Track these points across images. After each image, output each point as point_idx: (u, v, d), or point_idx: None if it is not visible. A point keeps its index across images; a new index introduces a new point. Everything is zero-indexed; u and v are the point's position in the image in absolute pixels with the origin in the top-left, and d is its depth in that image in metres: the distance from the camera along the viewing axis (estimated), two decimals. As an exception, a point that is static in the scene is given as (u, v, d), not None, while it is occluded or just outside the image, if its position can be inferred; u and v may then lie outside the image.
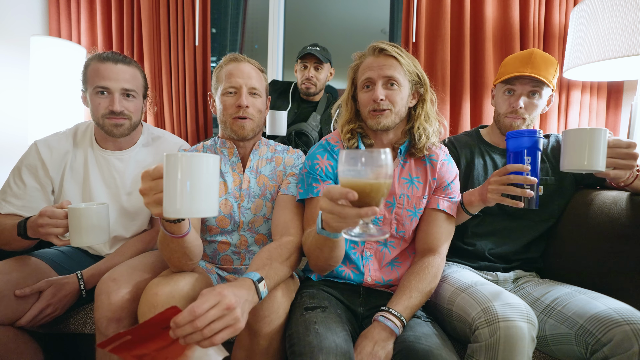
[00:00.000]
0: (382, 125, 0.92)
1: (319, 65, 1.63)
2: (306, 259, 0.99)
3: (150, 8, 1.74)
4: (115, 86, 1.02)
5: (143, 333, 0.65)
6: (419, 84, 0.95)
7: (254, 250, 1.07)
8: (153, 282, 0.82)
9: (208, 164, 0.60)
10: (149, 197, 0.64)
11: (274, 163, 1.09)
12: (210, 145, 1.10)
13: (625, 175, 0.86)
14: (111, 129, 1.05)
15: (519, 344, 0.71)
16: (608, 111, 1.60)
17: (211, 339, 0.61)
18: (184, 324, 0.60)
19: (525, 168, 0.81)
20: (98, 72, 1.02)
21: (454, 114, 1.64)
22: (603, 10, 1.17)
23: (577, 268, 1.04)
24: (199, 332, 0.60)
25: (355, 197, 0.54)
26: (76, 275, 0.99)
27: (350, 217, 0.57)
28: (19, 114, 1.76)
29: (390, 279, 0.98)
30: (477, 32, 1.60)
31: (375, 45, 0.93)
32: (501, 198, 0.85)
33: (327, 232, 0.71)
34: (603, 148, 0.79)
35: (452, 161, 1.01)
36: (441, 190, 0.97)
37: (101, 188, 1.11)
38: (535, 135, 0.82)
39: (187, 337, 0.61)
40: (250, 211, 1.04)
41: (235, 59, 1.02)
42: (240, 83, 0.99)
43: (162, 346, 0.66)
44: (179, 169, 0.58)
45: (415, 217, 0.98)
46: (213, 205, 0.61)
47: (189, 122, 1.76)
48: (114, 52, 1.06)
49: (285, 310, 0.84)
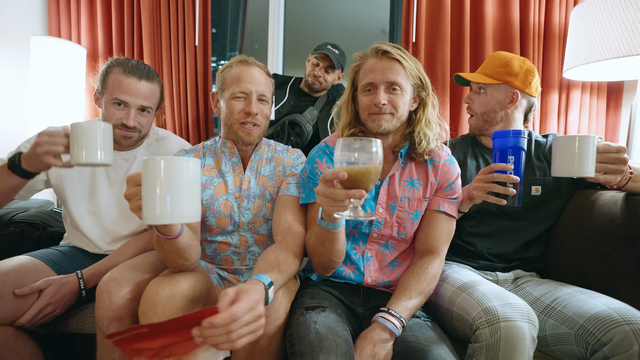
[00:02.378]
0: (382, 129, 0.90)
1: (331, 68, 1.64)
2: (306, 259, 0.99)
3: (150, 8, 1.74)
4: (133, 102, 1.03)
5: (164, 328, 0.62)
6: (420, 88, 0.94)
7: (254, 251, 1.07)
8: (154, 282, 0.82)
9: (187, 168, 0.57)
10: (133, 202, 0.64)
11: (274, 163, 1.09)
12: (211, 145, 1.10)
13: (616, 179, 0.88)
14: (120, 140, 1.06)
15: (520, 344, 0.71)
16: (608, 111, 1.60)
17: (233, 343, 0.59)
18: (220, 326, 0.58)
19: (508, 167, 0.83)
20: (120, 85, 1.01)
21: (454, 114, 1.64)
22: (603, 10, 1.17)
23: (577, 268, 1.05)
24: (226, 335, 0.58)
25: (345, 177, 0.60)
26: (76, 274, 0.99)
27: (340, 196, 0.62)
28: (19, 114, 1.76)
29: (391, 279, 0.98)
30: (477, 32, 1.60)
31: (378, 47, 0.91)
32: (486, 196, 0.88)
33: (326, 222, 0.75)
34: (592, 154, 0.81)
35: (454, 161, 1.00)
36: (442, 190, 0.97)
37: (105, 186, 1.11)
38: (519, 135, 0.84)
39: (211, 338, 0.59)
40: (250, 211, 1.04)
41: (246, 61, 1.01)
42: (251, 89, 0.98)
43: (170, 343, 0.64)
44: (155, 174, 0.56)
45: (417, 220, 0.98)
46: (192, 211, 0.59)
47: (190, 122, 1.76)
48: (139, 63, 1.06)
49: (286, 310, 0.84)
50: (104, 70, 1.05)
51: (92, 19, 1.82)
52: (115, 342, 0.62)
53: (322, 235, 0.80)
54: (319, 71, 1.63)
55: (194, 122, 1.78)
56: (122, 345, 0.62)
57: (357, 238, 0.98)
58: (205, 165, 1.06)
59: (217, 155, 1.07)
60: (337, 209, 0.66)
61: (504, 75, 1.09)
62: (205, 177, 1.04)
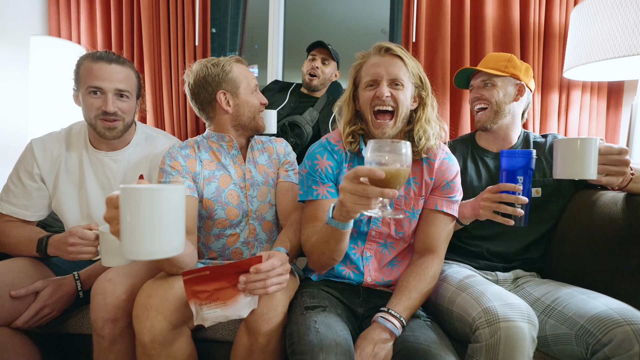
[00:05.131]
0: (386, 135, 0.91)
1: (327, 59, 1.66)
2: (306, 259, 0.99)
3: (150, 8, 1.74)
4: (108, 86, 1.01)
5: (221, 272, 0.79)
6: (421, 88, 0.94)
7: (261, 238, 1.11)
8: (147, 285, 0.83)
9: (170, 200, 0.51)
10: (113, 226, 0.59)
11: (267, 153, 1.15)
12: (201, 140, 1.10)
13: (617, 181, 0.88)
14: (104, 132, 1.04)
15: (520, 344, 0.70)
16: (608, 111, 1.60)
17: (267, 289, 0.76)
18: (264, 271, 0.76)
19: (517, 188, 0.83)
20: (91, 71, 1.00)
21: (454, 114, 1.64)
22: (603, 10, 1.17)
23: (577, 268, 1.04)
24: (263, 281, 0.76)
25: (383, 176, 0.61)
26: (73, 276, 0.99)
27: (374, 194, 0.63)
28: (19, 114, 1.76)
29: (390, 279, 0.98)
30: (477, 32, 1.59)
31: (380, 44, 0.92)
32: (493, 215, 0.88)
33: (337, 221, 0.75)
34: (594, 157, 0.81)
35: (453, 159, 0.99)
36: (440, 189, 0.96)
37: (96, 189, 1.11)
38: (529, 155, 0.84)
39: (251, 284, 0.76)
40: (257, 199, 1.08)
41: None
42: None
43: (220, 287, 0.80)
44: (135, 206, 0.49)
45: (414, 218, 0.97)
46: (176, 243, 0.53)
47: (189, 122, 1.76)
48: (107, 52, 1.05)
49: (284, 308, 0.84)
50: (75, 67, 1.05)
51: (92, 19, 1.82)
52: (185, 280, 0.78)
53: (327, 234, 0.79)
54: (315, 63, 1.65)
55: (193, 122, 1.77)
56: (186, 285, 0.78)
57: (355, 238, 0.98)
58: (203, 159, 1.07)
59: (212, 149, 1.08)
60: (362, 207, 0.66)
61: (510, 68, 1.09)
62: (207, 171, 1.05)
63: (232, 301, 0.80)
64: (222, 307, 0.80)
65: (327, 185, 0.95)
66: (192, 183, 1.01)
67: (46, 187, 1.09)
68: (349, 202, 0.66)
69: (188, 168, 1.03)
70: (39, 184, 1.07)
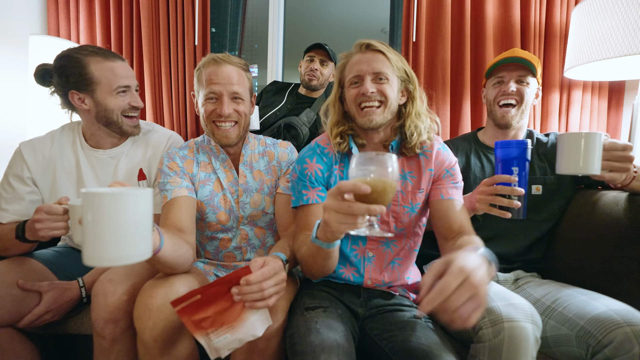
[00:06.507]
0: (373, 123, 0.89)
1: (326, 61, 1.66)
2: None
3: (149, 7, 1.73)
4: (133, 83, 1.07)
5: (212, 292, 0.73)
6: (407, 81, 0.93)
7: (254, 244, 1.09)
8: (148, 284, 0.82)
9: (135, 206, 0.49)
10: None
11: (267, 158, 1.10)
12: (201, 141, 1.10)
13: (621, 178, 0.87)
14: (131, 131, 1.09)
15: (523, 344, 0.70)
16: (609, 111, 1.60)
17: (267, 300, 0.72)
18: (254, 283, 0.70)
19: (512, 179, 0.81)
20: (114, 71, 1.02)
21: (454, 114, 1.64)
22: (604, 10, 1.17)
23: (578, 269, 1.04)
24: (260, 292, 0.70)
25: (368, 190, 0.55)
26: (77, 282, 0.98)
27: (360, 211, 0.57)
28: (18, 114, 1.75)
29: (391, 280, 0.97)
30: (478, 32, 1.59)
31: (361, 42, 0.91)
32: (489, 208, 0.86)
33: (320, 241, 0.72)
34: (598, 152, 0.80)
35: (447, 149, 0.98)
36: (442, 179, 0.94)
37: (94, 187, 1.10)
38: (523, 145, 0.82)
39: (248, 296, 0.70)
40: (250, 206, 1.06)
41: (214, 61, 0.97)
42: (222, 90, 0.96)
43: (222, 309, 0.74)
44: (91, 210, 0.48)
45: (414, 213, 0.96)
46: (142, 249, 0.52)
47: (189, 122, 1.76)
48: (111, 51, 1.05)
49: (284, 310, 0.84)
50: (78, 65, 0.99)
51: (91, 18, 1.81)
52: (178, 311, 0.71)
53: (314, 251, 0.76)
54: (314, 65, 1.65)
55: (193, 122, 1.77)
56: (184, 317, 0.72)
57: (356, 238, 0.97)
58: (200, 161, 1.06)
59: (207, 152, 1.08)
60: (348, 226, 0.60)
61: (536, 73, 1.07)
62: (204, 174, 1.05)
63: (240, 321, 0.73)
64: (231, 330, 0.73)
65: (317, 189, 0.93)
66: (190, 184, 1.01)
67: (39, 189, 1.07)
68: (333, 222, 0.61)
69: (185, 169, 1.02)
70: (31, 187, 1.05)
